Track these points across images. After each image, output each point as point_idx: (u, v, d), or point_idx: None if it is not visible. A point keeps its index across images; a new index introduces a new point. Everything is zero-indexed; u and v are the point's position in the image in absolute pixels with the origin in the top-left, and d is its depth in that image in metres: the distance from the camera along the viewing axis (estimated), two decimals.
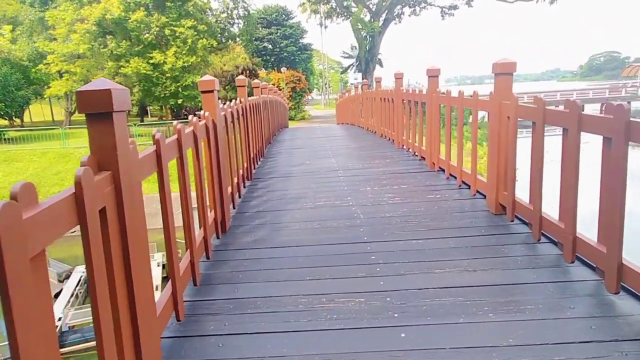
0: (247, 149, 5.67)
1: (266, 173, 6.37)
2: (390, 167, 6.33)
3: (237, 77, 5.71)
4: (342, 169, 6.33)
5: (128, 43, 21.15)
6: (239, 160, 5.19)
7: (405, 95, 7.49)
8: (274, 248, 3.53)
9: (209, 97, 4.03)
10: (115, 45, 20.86)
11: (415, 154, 7.03)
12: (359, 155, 7.53)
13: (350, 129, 13.27)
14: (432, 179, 5.44)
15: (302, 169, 6.52)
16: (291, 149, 8.91)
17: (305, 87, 40.63)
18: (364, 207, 4.41)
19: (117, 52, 20.94)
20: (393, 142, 8.53)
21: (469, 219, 3.93)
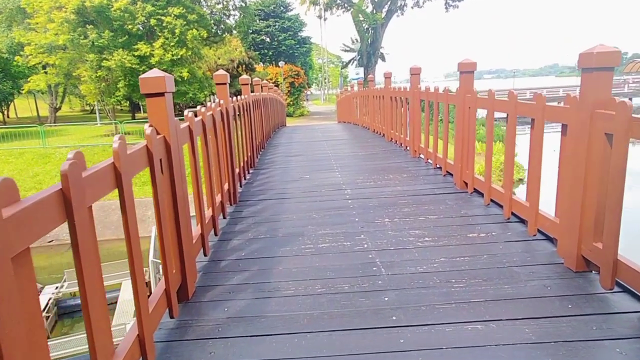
0: (227, 165, 4.45)
1: (255, 193, 5.15)
2: (409, 185, 5.12)
3: (215, 74, 4.50)
4: (350, 188, 5.12)
5: (111, 34, 19.68)
6: (216, 182, 3.98)
7: (424, 95, 6.26)
8: (254, 343, 2.31)
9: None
10: (97, 35, 19.38)
11: (437, 167, 5.82)
12: (368, 167, 6.30)
13: (353, 130, 12.04)
14: (467, 205, 4.22)
15: (300, 188, 5.30)
16: (287, 157, 7.68)
17: (304, 82, 39.35)
18: (384, 253, 3.20)
19: (99, 44, 19.45)
20: (407, 149, 7.31)
21: (538, 280, 2.71)
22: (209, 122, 3.54)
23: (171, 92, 2.47)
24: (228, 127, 4.52)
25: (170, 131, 2.41)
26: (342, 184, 5.35)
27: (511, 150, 3.74)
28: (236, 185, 4.72)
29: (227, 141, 4.46)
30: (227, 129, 4.48)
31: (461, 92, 4.70)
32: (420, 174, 5.67)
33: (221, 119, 4.23)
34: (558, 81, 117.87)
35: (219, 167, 3.93)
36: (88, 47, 19.69)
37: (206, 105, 3.83)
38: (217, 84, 4.67)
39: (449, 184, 5.01)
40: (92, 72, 20.17)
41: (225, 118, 4.43)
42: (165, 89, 2.34)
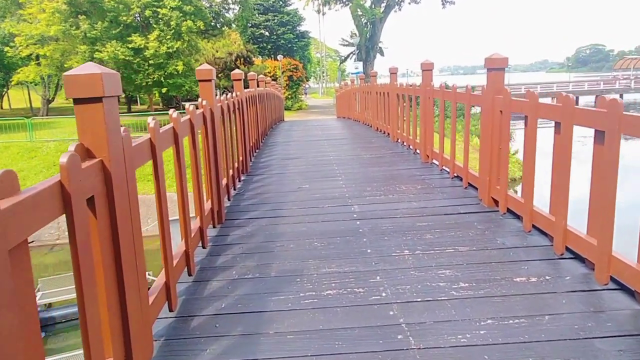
0: (211, 180, 3.67)
1: (245, 209, 4.37)
2: (426, 199, 4.35)
3: (197, 69, 3.70)
4: (357, 202, 4.35)
5: (104, 25, 18.76)
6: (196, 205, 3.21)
7: (439, 94, 5.47)
8: None
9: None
10: (89, 26, 18.45)
11: (455, 176, 5.05)
12: (376, 175, 5.53)
13: (354, 127, 11.27)
14: (501, 231, 3.46)
15: (299, 202, 4.54)
16: (284, 160, 6.90)
17: (303, 75, 38.49)
18: (410, 308, 2.43)
19: (92, 35, 18.50)
20: (416, 152, 6.55)
21: None
22: (183, 129, 2.77)
23: (114, 97, 1.70)
24: (213, 132, 3.75)
25: (111, 153, 1.64)
26: (348, 197, 4.58)
27: (565, 165, 2.97)
28: (222, 202, 3.94)
29: (211, 150, 3.69)
30: (211, 135, 3.70)
31: (488, 92, 3.93)
32: (436, 184, 4.91)
33: (204, 123, 3.46)
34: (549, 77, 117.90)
35: (198, 185, 3.16)
36: (80, 39, 18.77)
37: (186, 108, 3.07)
38: (201, 81, 3.78)
39: (473, 200, 4.25)
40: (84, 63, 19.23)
41: (210, 122, 3.66)
42: (102, 92, 1.58)
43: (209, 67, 3.63)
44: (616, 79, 54.33)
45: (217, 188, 3.80)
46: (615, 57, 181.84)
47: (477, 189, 4.43)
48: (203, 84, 3.65)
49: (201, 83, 3.64)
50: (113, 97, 1.66)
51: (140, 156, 2.01)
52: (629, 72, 55.58)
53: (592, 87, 48.62)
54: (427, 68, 5.85)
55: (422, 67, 5.88)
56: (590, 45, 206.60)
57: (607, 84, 50.50)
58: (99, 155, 1.62)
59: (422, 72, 5.90)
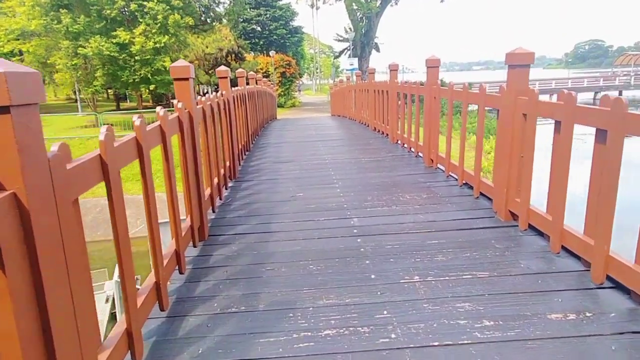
0: (190, 195, 3.21)
1: (232, 222, 3.91)
2: (434, 211, 3.91)
3: (171, 65, 3.21)
4: (357, 215, 3.91)
5: (87, 19, 18.10)
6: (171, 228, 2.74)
7: (446, 93, 5.02)
8: None
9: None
10: (71, 20, 17.80)
11: (465, 184, 4.62)
12: (376, 182, 5.08)
13: (350, 127, 10.81)
14: (524, 252, 3.02)
15: (293, 214, 4.08)
16: (277, 164, 6.44)
17: (296, 72, 37.92)
18: (427, 356, 1.99)
19: (74, 29, 17.83)
20: (419, 155, 6.12)
21: None
22: (150, 139, 2.30)
23: (32, 105, 1.23)
24: (192, 139, 3.28)
25: (28, 183, 1.18)
26: (347, 207, 4.13)
27: (609, 179, 2.53)
28: (205, 216, 3.48)
29: (190, 159, 3.22)
30: (190, 142, 3.24)
31: (510, 92, 3.49)
32: (444, 193, 4.47)
33: (179, 129, 2.99)
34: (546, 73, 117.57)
35: (173, 203, 2.69)
36: (62, 33, 18.11)
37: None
38: (177, 80, 3.28)
39: (487, 212, 3.82)
40: (67, 59, 18.60)
41: (188, 127, 3.19)
42: (8, 99, 1.11)
43: (185, 63, 3.15)
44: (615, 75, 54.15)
45: (198, 202, 3.34)
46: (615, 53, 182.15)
47: (490, 199, 4.00)
48: (179, 84, 3.18)
49: (176, 82, 3.16)
50: (29, 106, 1.19)
51: (84, 180, 1.55)
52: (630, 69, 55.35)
53: (591, 83, 48.41)
54: (433, 65, 5.40)
55: (427, 63, 5.43)
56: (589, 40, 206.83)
57: (606, 80, 50.31)
58: (9, 187, 1.15)
59: (428, 69, 5.45)
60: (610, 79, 50.98)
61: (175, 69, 3.13)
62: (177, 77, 3.14)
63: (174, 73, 3.14)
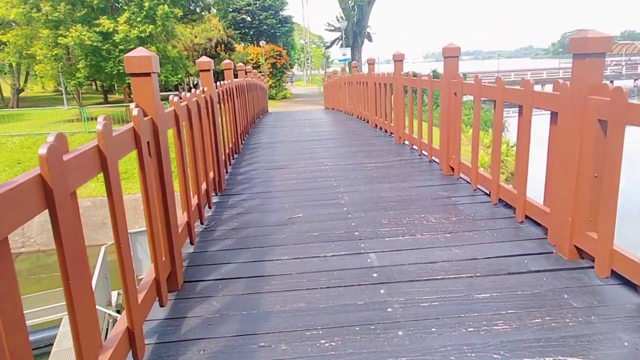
0: (163, 231, 2.32)
1: (216, 259, 3.04)
2: (472, 242, 3.08)
3: (126, 56, 2.33)
4: (373, 248, 3.07)
5: (68, 7, 16.90)
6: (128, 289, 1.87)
7: (471, 88, 4.15)
8: None
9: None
10: (51, 8, 16.61)
11: (501, 201, 3.79)
12: (390, 196, 4.24)
13: (347, 123, 9.94)
14: (616, 315, 2.20)
15: (290, 244, 3.23)
16: (269, 170, 5.56)
17: (287, 62, 36.86)
18: None
19: (54, 17, 16.66)
20: (433, 161, 5.29)
21: None
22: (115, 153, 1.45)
23: None
24: (158, 155, 2.41)
25: None
26: (359, 235, 3.30)
27: None
28: (177, 260, 2.61)
29: (155, 184, 2.35)
30: (155, 161, 2.37)
31: (579, 89, 2.64)
32: (476, 213, 3.65)
33: (135, 144, 2.11)
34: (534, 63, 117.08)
35: (121, 260, 1.83)
36: (42, 22, 16.93)
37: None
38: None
39: (541, 245, 3.00)
40: (48, 50, 17.43)
41: (151, 140, 2.31)
42: None
43: (146, 52, 2.26)
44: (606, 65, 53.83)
45: (167, 241, 2.47)
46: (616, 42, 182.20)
47: (539, 225, 3.17)
48: (137, 80, 2.28)
49: (134, 79, 2.27)
50: None
51: None
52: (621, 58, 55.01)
53: None
54: (452, 54, 4.54)
55: (444, 53, 4.57)
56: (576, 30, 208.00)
57: None
58: None
59: (445, 59, 4.59)
60: None
61: (130, 60, 2.24)
62: (134, 71, 2.25)
63: (129, 66, 2.25)
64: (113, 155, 1.72)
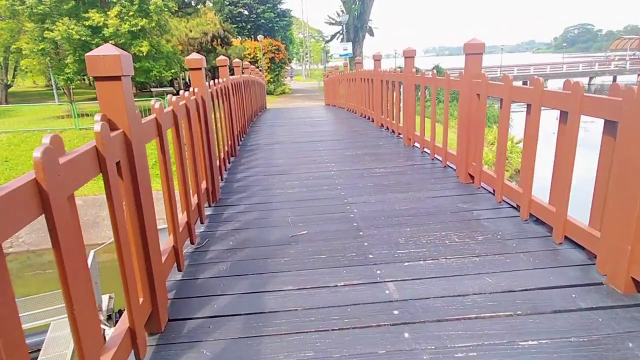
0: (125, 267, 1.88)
1: (204, 292, 2.59)
2: (513, 274, 2.64)
3: (87, 55, 1.88)
4: (390, 275, 2.64)
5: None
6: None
7: (509, 92, 3.68)
8: None
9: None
10: (36, 1, 16.03)
11: (531, 217, 3.36)
12: (405, 210, 3.79)
13: (350, 121, 9.50)
14: None
15: (293, 271, 2.79)
16: (268, 176, 5.12)
17: (285, 57, 36.28)
18: None
19: (39, 10, 16.10)
20: (447, 167, 4.85)
21: None
22: (70, 178, 1.02)
23: None
24: (134, 176, 1.96)
25: None
26: (373, 258, 2.87)
27: None
28: (160, 298, 2.17)
29: (133, 208, 1.91)
30: (134, 182, 1.93)
31: None
32: (504, 231, 3.22)
33: (101, 167, 1.66)
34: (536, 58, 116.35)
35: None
36: (26, 15, 16.35)
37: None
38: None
39: (588, 274, 2.57)
40: (34, 44, 16.87)
41: (124, 162, 1.87)
42: None
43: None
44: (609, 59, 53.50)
45: (147, 279, 2.03)
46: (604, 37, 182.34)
47: (584, 249, 2.75)
48: (104, 86, 1.83)
49: (100, 84, 1.82)
50: None
51: None
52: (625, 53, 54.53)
53: (585, 68, 47.77)
54: (474, 51, 4.08)
55: (465, 49, 4.12)
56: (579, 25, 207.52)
57: (601, 65, 49.69)
58: None
59: (467, 56, 4.13)
60: (605, 64, 50.33)
61: (93, 61, 1.78)
62: (99, 74, 1.80)
63: (92, 68, 1.78)
64: (57, 190, 1.28)
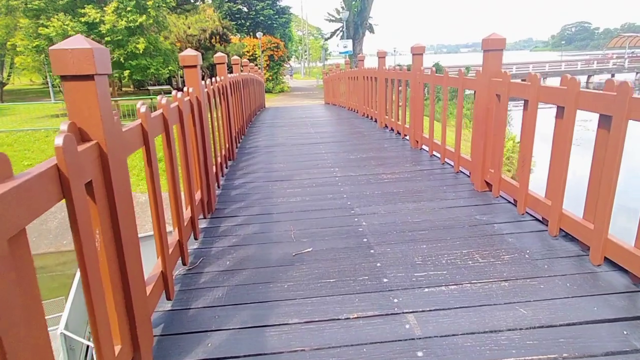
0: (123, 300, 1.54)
1: (198, 326, 2.26)
2: (549, 303, 2.32)
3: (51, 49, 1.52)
4: (412, 307, 2.31)
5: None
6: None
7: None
8: None
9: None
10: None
11: (561, 233, 3.03)
12: (419, 223, 3.46)
13: (352, 121, 9.16)
14: None
15: (299, 297, 2.46)
16: (269, 182, 4.78)
17: (285, 55, 35.87)
18: None
19: (34, 6, 15.70)
20: (460, 172, 4.52)
21: None
22: None
23: None
24: (111, 198, 1.62)
25: None
26: (389, 284, 2.54)
27: None
28: (142, 342, 1.83)
29: (110, 240, 1.57)
30: (112, 205, 1.59)
31: None
32: (532, 249, 2.90)
33: (62, 191, 1.32)
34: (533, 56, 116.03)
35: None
36: (21, 10, 15.95)
37: None
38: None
39: (635, 301, 2.24)
40: (28, 41, 16.47)
41: (97, 181, 1.53)
42: None
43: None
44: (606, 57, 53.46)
45: (127, 323, 1.70)
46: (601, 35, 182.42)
47: (619, 267, 2.42)
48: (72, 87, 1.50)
49: (68, 83, 1.48)
50: None
51: None
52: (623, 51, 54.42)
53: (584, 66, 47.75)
54: (494, 47, 3.73)
55: (484, 45, 3.77)
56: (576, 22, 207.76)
57: (600, 63, 49.65)
58: None
59: (485, 53, 3.79)
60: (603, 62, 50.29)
61: (59, 56, 1.45)
62: (67, 73, 1.46)
63: (57, 65, 1.45)
64: None
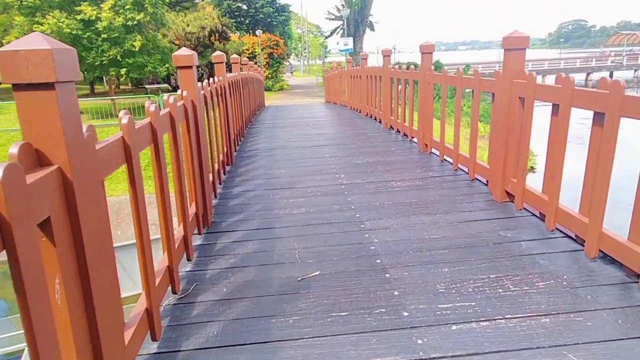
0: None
1: None
2: (601, 346, 1.99)
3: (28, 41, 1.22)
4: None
5: None
6: None
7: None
8: None
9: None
10: None
11: (600, 254, 2.70)
12: (436, 240, 3.13)
13: (355, 121, 8.83)
14: None
15: (307, 335, 2.13)
16: (270, 191, 4.44)
17: (284, 52, 35.51)
18: None
19: (29, 3, 15.34)
20: (475, 180, 4.19)
21: None
22: None
23: None
24: (78, 238, 1.29)
25: None
26: (409, 318, 2.23)
27: None
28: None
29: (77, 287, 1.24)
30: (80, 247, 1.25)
31: None
32: (568, 274, 2.58)
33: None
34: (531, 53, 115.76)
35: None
36: (16, 8, 15.59)
37: None
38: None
39: None
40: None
41: (58, 214, 1.20)
42: None
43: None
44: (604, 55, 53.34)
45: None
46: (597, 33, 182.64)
47: None
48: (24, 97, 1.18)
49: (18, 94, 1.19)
50: None
51: None
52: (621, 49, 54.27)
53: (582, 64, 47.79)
54: (517, 46, 3.40)
55: (505, 44, 3.44)
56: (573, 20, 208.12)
57: (598, 60, 49.59)
58: None
59: (506, 52, 3.46)
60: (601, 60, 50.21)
61: (8, 59, 1.13)
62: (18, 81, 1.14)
63: (6, 72, 1.13)
64: None
